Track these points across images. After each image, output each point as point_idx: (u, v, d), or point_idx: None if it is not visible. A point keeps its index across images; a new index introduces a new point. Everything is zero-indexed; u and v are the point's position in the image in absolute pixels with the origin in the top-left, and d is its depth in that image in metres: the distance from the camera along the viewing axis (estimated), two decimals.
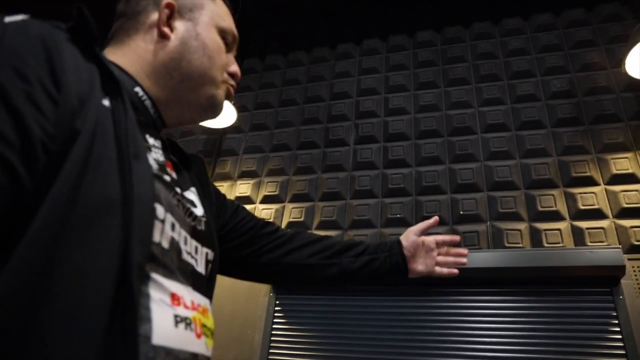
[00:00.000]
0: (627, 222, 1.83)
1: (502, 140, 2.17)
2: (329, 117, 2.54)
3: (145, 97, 0.65)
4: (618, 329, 1.66)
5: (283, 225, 2.29)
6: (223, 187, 2.50)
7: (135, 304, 0.44)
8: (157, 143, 0.66)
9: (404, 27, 2.66)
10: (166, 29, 0.68)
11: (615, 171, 1.94)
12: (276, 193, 2.39)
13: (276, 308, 2.10)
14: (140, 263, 0.47)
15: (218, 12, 0.74)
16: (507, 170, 2.09)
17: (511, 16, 2.47)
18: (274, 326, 2.06)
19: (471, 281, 1.89)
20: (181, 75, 0.68)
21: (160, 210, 0.54)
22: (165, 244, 0.54)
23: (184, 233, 0.60)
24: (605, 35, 2.26)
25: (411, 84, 2.48)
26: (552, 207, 1.95)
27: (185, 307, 0.55)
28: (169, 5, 0.69)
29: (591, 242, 1.84)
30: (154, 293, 0.50)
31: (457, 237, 1.07)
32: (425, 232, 1.04)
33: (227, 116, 2.42)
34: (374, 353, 1.88)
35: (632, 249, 1.78)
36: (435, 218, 1.05)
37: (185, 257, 0.60)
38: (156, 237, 0.52)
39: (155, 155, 0.62)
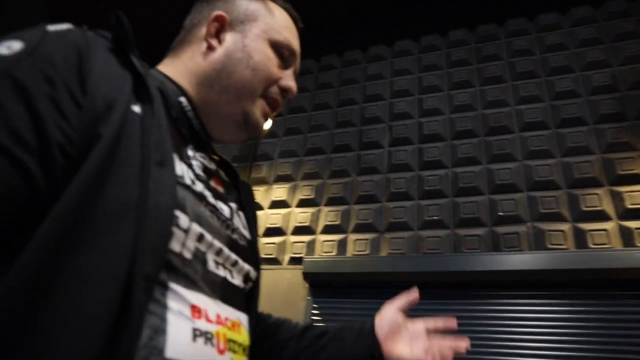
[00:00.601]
0: None
1: (541, 139, 2.11)
2: (363, 119, 2.54)
3: (189, 107, 0.65)
4: None
5: (319, 229, 2.30)
6: (259, 191, 2.54)
7: (136, 314, 0.42)
8: (199, 155, 0.66)
9: (436, 27, 2.63)
10: (213, 41, 0.68)
11: None
12: (311, 197, 2.41)
13: (314, 312, 2.11)
14: (150, 272, 0.44)
15: (274, 25, 0.72)
16: (547, 169, 2.04)
17: (547, 11, 2.40)
18: None
19: (513, 284, 1.85)
20: (221, 87, 0.67)
21: (183, 219, 0.51)
22: (188, 254, 0.52)
23: (218, 244, 0.58)
24: None
25: (445, 84, 2.45)
26: (597, 206, 1.89)
27: (208, 320, 0.52)
28: (218, 18, 0.69)
29: None
30: (172, 304, 0.48)
31: (453, 322, 0.90)
32: (406, 308, 0.89)
33: None
34: None
35: None
36: (415, 294, 0.90)
37: (214, 268, 0.58)
38: (176, 246, 0.50)
39: (194, 167, 0.61)
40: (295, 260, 2.27)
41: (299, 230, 2.35)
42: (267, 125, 0.76)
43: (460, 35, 2.55)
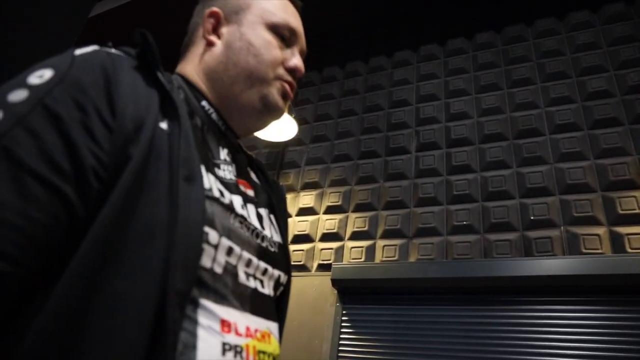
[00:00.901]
0: None
1: (573, 141, 2.06)
2: (389, 125, 2.54)
3: (211, 110, 0.67)
4: None
5: (347, 235, 2.31)
6: (287, 199, 2.56)
7: (169, 332, 0.43)
8: (229, 159, 0.67)
9: (462, 30, 2.61)
10: (212, 37, 0.70)
11: None
12: (339, 203, 2.42)
13: (343, 318, 2.12)
14: (182, 290, 0.45)
15: (267, 8, 0.72)
16: (580, 172, 1.98)
17: (577, 10, 2.35)
18: (341, 336, 2.08)
19: (547, 290, 1.81)
20: (230, 78, 0.67)
21: (213, 234, 0.52)
22: (218, 269, 0.53)
23: (247, 255, 0.59)
24: None
25: (472, 87, 2.43)
26: (634, 209, 1.82)
27: (237, 334, 0.53)
28: (212, 14, 0.71)
29: None
30: (203, 320, 0.49)
31: None
32: None
33: (288, 129, 2.49)
34: None
35: None
36: None
37: (244, 280, 0.58)
38: (206, 262, 0.51)
39: (223, 173, 0.62)
40: (323, 267, 2.28)
41: (327, 237, 2.36)
42: (294, 132, 0.75)
43: (486, 37, 2.52)
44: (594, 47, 2.24)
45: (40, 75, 0.46)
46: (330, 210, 2.43)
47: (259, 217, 0.67)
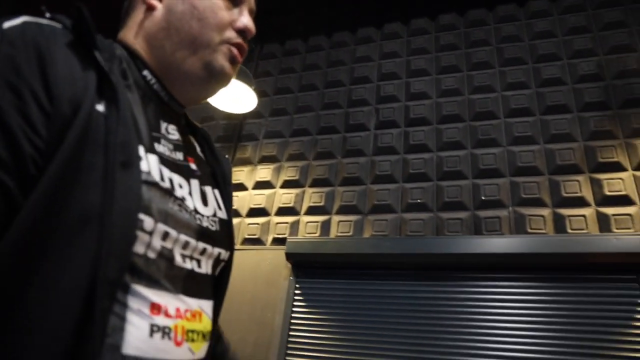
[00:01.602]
0: None
1: (525, 125, 2.13)
2: (349, 101, 2.52)
3: (153, 80, 0.63)
4: None
5: (303, 210, 2.30)
6: (243, 172, 2.52)
7: (97, 319, 0.43)
8: (172, 129, 0.65)
9: (426, 11, 2.62)
10: (152, 1, 0.65)
11: None
12: (296, 178, 2.40)
13: (296, 292, 2.12)
14: (113, 278, 0.46)
15: None
16: (530, 155, 2.05)
17: None
18: (293, 309, 2.09)
19: (493, 267, 1.88)
20: (172, 45, 0.63)
21: (148, 221, 0.51)
22: (152, 255, 0.53)
23: (184, 237, 0.58)
24: (637, 16, 2.18)
25: (433, 68, 2.45)
26: (577, 193, 1.92)
27: (167, 315, 0.54)
28: None
29: (617, 228, 1.80)
30: (133, 304, 0.49)
31: None
32: None
33: (248, 101, 2.43)
34: (393, 337, 1.89)
35: None
36: None
37: (180, 262, 0.58)
38: (139, 249, 0.51)
39: (163, 149, 0.60)
40: (278, 241, 2.27)
41: (282, 211, 2.35)
42: (253, 104, 0.71)
43: (449, 19, 2.54)
44: (550, 35, 2.30)
45: None
46: (287, 184, 2.41)
47: (202, 194, 0.66)
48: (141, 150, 0.53)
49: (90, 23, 0.51)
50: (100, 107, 0.48)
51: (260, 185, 2.46)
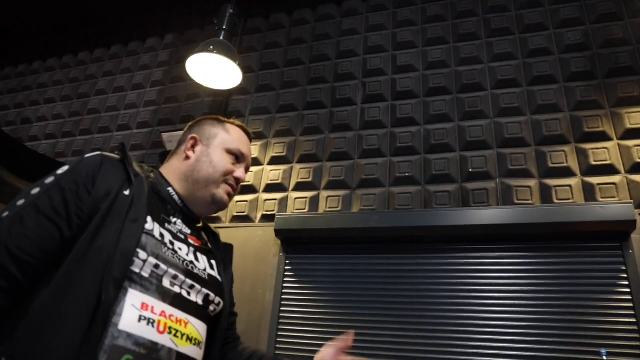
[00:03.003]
0: (639, 177, 1.81)
1: (512, 97, 2.12)
2: (336, 76, 2.49)
3: (174, 193, 1.05)
4: (627, 283, 1.67)
5: (291, 186, 2.29)
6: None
7: (105, 305, 0.76)
8: (180, 222, 1.02)
9: None
10: (189, 152, 1.09)
11: (629, 125, 1.90)
12: (284, 154, 2.38)
13: (286, 267, 2.13)
14: (118, 278, 0.79)
15: (228, 139, 1.12)
16: (517, 127, 2.06)
17: None
18: (284, 285, 2.10)
19: (481, 238, 1.90)
20: (194, 179, 1.05)
21: (142, 254, 0.84)
22: (145, 274, 0.84)
23: (173, 271, 0.89)
24: None
25: (419, 40, 2.42)
26: (563, 163, 1.93)
27: (153, 312, 0.83)
28: (192, 138, 1.11)
29: (602, 197, 1.82)
30: (128, 299, 0.80)
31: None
32: (342, 351, 1.07)
33: (233, 77, 2.38)
34: (382, 309, 1.91)
35: None
36: (351, 338, 1.08)
37: (169, 286, 0.89)
38: (136, 269, 0.83)
39: (172, 227, 0.98)
40: (267, 218, 2.26)
41: (271, 188, 2.33)
42: (238, 80, 1.04)
43: None
44: (537, 4, 2.28)
45: (62, 169, 0.87)
46: (274, 161, 2.39)
47: (196, 256, 1.00)
48: (149, 218, 0.89)
49: (127, 154, 0.95)
50: (126, 192, 0.87)
51: None
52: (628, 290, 1.66)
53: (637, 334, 1.59)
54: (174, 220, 1.01)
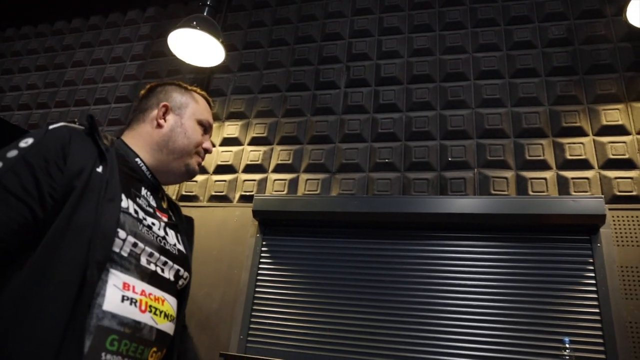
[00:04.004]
0: (611, 173, 1.85)
1: (494, 88, 2.14)
2: (320, 58, 2.47)
3: (142, 164, 1.02)
4: (593, 275, 1.72)
5: (271, 167, 2.28)
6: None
7: (88, 286, 0.75)
8: (149, 195, 1.01)
9: None
10: (161, 121, 1.06)
11: (605, 122, 1.94)
12: (264, 135, 2.36)
13: (263, 248, 2.13)
14: (100, 260, 0.78)
15: (198, 109, 1.12)
16: (497, 118, 2.08)
17: None
18: (260, 266, 2.10)
19: (457, 226, 1.92)
20: (169, 149, 1.04)
21: (122, 233, 0.83)
22: (124, 254, 0.84)
23: (149, 249, 0.90)
24: None
25: (405, 26, 2.40)
26: (540, 156, 1.96)
27: (134, 292, 0.84)
28: (164, 106, 1.08)
29: (575, 191, 1.86)
30: (110, 280, 0.80)
31: None
32: None
33: (215, 55, 2.34)
34: (357, 293, 1.93)
35: (614, 200, 1.80)
36: None
37: (145, 264, 0.89)
38: (116, 248, 0.82)
39: (141, 202, 0.96)
40: (245, 198, 2.25)
41: (250, 169, 2.32)
42: (221, 57, 0.98)
43: None
44: None
45: (26, 142, 0.81)
46: (255, 141, 2.37)
47: (166, 232, 1.00)
48: (123, 196, 0.88)
49: (96, 126, 0.90)
50: (99, 169, 0.84)
51: (228, 142, 2.41)
52: (594, 282, 1.71)
53: (600, 324, 1.65)
54: (142, 192, 0.99)
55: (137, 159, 1.01)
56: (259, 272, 2.09)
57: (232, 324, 1.99)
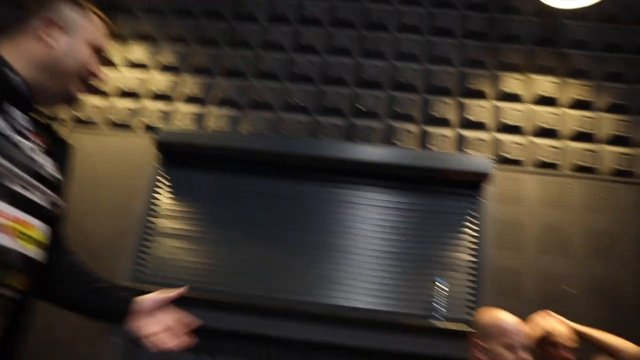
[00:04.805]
0: (505, 137, 1.99)
1: (413, 43, 2.17)
2: None
3: (20, 82, 0.90)
4: (474, 226, 1.89)
5: (179, 98, 2.15)
6: (111, 48, 2.24)
7: None
8: (22, 117, 0.91)
9: None
10: (50, 40, 0.92)
11: (505, 89, 2.06)
12: (174, 63, 2.21)
13: (164, 181, 2.04)
14: None
15: (94, 32, 1.00)
16: (411, 73, 2.12)
17: None
18: (159, 198, 2.02)
19: (359, 173, 1.99)
20: (56, 72, 0.94)
21: None
22: None
23: (17, 170, 0.83)
24: None
25: None
26: (444, 114, 2.05)
27: (3, 217, 0.79)
28: (48, 19, 0.93)
29: (471, 150, 1.98)
30: None
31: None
32: (162, 304, 0.99)
33: None
34: (254, 228, 1.95)
35: (502, 161, 1.96)
36: (183, 290, 1.00)
37: (12, 185, 0.82)
38: None
39: (13, 122, 0.86)
40: (149, 129, 2.11)
41: (157, 97, 2.17)
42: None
43: None
44: None
45: None
46: (163, 69, 2.21)
47: (39, 155, 0.91)
48: None
49: None
50: None
51: (133, 65, 2.23)
52: (474, 233, 1.88)
53: (475, 270, 1.83)
54: (15, 110, 0.89)
55: (16, 76, 0.90)
56: (157, 203, 2.01)
57: (123, 253, 1.92)
